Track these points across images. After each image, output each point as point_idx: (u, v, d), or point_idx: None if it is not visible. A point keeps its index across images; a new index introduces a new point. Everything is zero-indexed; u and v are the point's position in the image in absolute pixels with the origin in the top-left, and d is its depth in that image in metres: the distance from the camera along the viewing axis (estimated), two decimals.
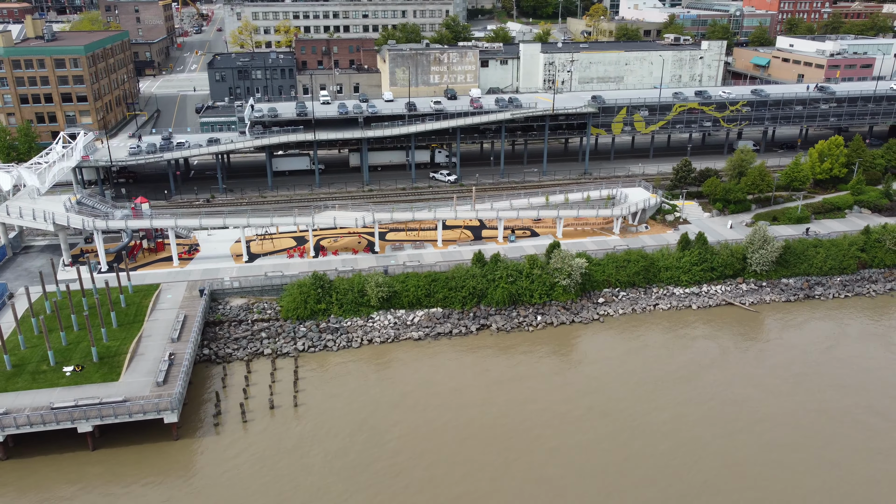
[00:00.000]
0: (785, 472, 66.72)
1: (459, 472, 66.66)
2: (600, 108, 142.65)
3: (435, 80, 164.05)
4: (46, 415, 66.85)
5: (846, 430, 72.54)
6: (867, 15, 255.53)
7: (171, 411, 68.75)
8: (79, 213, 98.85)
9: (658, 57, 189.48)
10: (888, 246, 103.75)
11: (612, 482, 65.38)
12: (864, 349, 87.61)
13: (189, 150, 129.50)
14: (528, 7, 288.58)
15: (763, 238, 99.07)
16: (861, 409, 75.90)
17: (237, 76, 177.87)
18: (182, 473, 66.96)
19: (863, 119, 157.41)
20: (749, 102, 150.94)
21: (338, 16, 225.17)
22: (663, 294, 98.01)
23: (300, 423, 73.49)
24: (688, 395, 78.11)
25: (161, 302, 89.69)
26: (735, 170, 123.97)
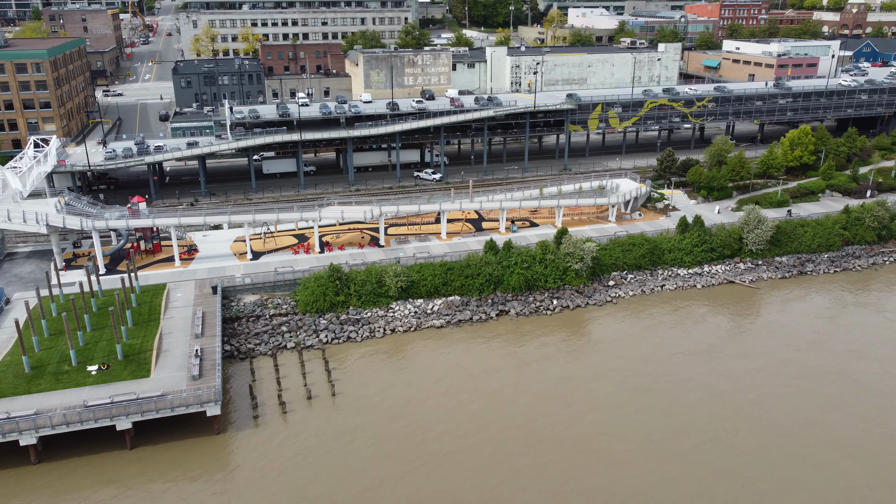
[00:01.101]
0: (819, 426, 69.64)
1: (509, 449, 66.83)
2: (577, 105, 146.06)
3: (409, 81, 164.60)
4: (84, 413, 63.62)
5: (867, 388, 76.28)
6: (799, 21, 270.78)
7: (214, 403, 66.56)
8: (71, 214, 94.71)
9: (619, 59, 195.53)
10: (867, 223, 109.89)
11: (659, 449, 66.81)
12: (862, 317, 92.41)
13: (171, 153, 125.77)
14: (479, 16, 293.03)
15: (757, 219, 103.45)
16: (874, 370, 79.99)
17: (203, 82, 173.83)
18: (228, 467, 64.80)
19: (816, 113, 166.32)
20: (714, 98, 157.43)
21: (297, 23, 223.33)
22: (668, 275, 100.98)
23: (340, 412, 72.24)
24: (712, 367, 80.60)
25: (173, 301, 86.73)
26: (714, 159, 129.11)
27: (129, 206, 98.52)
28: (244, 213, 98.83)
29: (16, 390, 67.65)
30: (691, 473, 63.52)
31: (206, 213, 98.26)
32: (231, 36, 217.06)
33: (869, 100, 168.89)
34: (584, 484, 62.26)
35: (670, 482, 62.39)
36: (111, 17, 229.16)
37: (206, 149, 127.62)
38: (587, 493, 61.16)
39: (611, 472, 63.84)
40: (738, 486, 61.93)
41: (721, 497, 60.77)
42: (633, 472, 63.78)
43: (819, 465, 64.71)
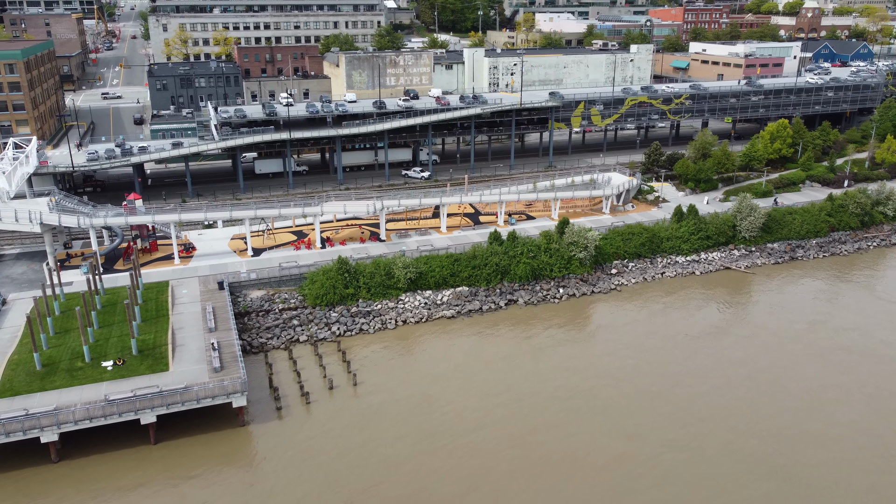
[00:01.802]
0: (834, 394, 71.75)
1: (536, 427, 67.11)
2: (561, 103, 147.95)
3: (391, 82, 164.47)
4: (107, 407, 61.67)
5: (871, 361, 78.85)
6: (758, 25, 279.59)
7: (241, 394, 65.23)
8: (66, 212, 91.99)
9: (593, 60, 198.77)
10: (851, 210, 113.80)
11: (680, 418, 67.92)
12: (857, 298, 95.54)
13: (156, 154, 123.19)
14: (448, 21, 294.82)
15: (750, 207, 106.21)
16: (876, 343, 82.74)
17: (180, 84, 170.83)
18: (256, 458, 63.55)
19: (786, 109, 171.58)
20: (690, 96, 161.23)
21: (269, 27, 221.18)
22: (668, 263, 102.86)
23: (363, 400, 71.55)
24: (722, 346, 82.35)
25: (178, 297, 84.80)
26: (699, 152, 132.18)
27: (125, 204, 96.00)
28: (245, 209, 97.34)
29: (30, 388, 65.25)
30: (712, 434, 64.66)
31: (208, 210, 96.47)
32: (203, 39, 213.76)
33: (834, 97, 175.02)
34: (614, 452, 62.83)
35: (695, 442, 63.39)
36: (76, 22, 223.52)
37: (194, 148, 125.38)
38: (618, 461, 61.71)
39: (638, 441, 64.59)
40: (756, 442, 63.30)
41: (741, 450, 62.01)
42: (659, 437, 64.61)
43: (838, 422, 66.66)
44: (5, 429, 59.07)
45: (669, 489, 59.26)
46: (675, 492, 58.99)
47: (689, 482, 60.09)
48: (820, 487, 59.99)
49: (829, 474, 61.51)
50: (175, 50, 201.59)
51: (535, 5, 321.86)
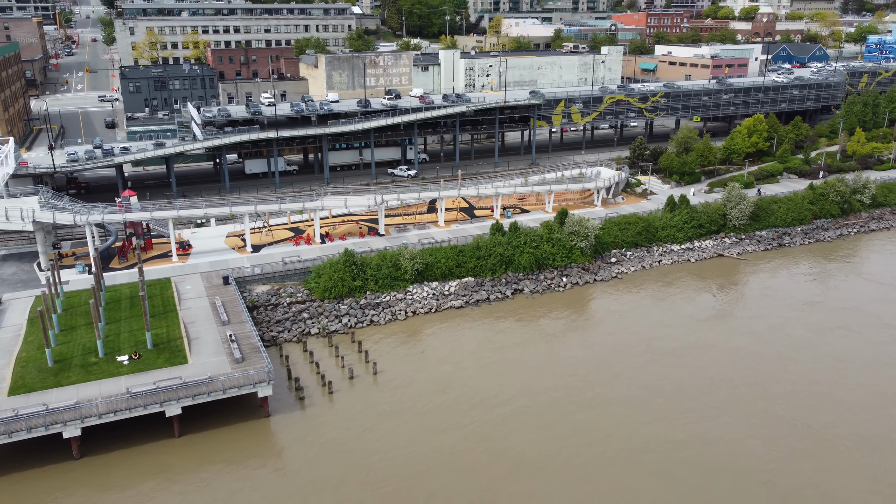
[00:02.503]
0: (838, 368, 74.13)
1: (557, 408, 67.58)
2: (543, 101, 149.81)
3: (371, 82, 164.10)
4: (131, 400, 59.87)
5: (872, 333, 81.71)
6: (717, 29, 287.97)
7: (267, 383, 64.07)
8: (60, 209, 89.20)
9: (566, 61, 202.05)
10: (831, 198, 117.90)
11: (694, 397, 69.26)
12: (846, 281, 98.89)
13: (139, 154, 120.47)
14: (415, 27, 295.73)
15: (739, 196, 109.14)
16: (873, 321, 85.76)
17: (153, 87, 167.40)
18: (283, 448, 62.46)
19: (754, 107, 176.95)
20: (665, 94, 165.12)
21: (239, 30, 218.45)
22: (664, 251, 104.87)
23: (384, 389, 71.01)
24: (727, 327, 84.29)
25: (183, 293, 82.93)
26: (682, 146, 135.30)
27: (119, 201, 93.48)
28: (245, 205, 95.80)
29: (44, 384, 62.93)
30: (723, 408, 66.12)
31: (208, 206, 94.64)
32: (171, 43, 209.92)
33: (799, 95, 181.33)
34: (638, 433, 63.61)
35: (711, 416, 64.74)
36: (36, 26, 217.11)
37: (179, 148, 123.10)
38: (644, 441, 62.51)
39: (660, 423, 65.51)
40: (770, 409, 65.02)
41: (752, 418, 63.55)
42: (678, 417, 65.73)
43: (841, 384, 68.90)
44: (27, 424, 56.80)
45: (703, 461, 60.28)
46: (711, 459, 60.10)
47: (725, 447, 61.26)
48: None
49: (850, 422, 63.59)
50: (146, 53, 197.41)
51: (499, 11, 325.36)
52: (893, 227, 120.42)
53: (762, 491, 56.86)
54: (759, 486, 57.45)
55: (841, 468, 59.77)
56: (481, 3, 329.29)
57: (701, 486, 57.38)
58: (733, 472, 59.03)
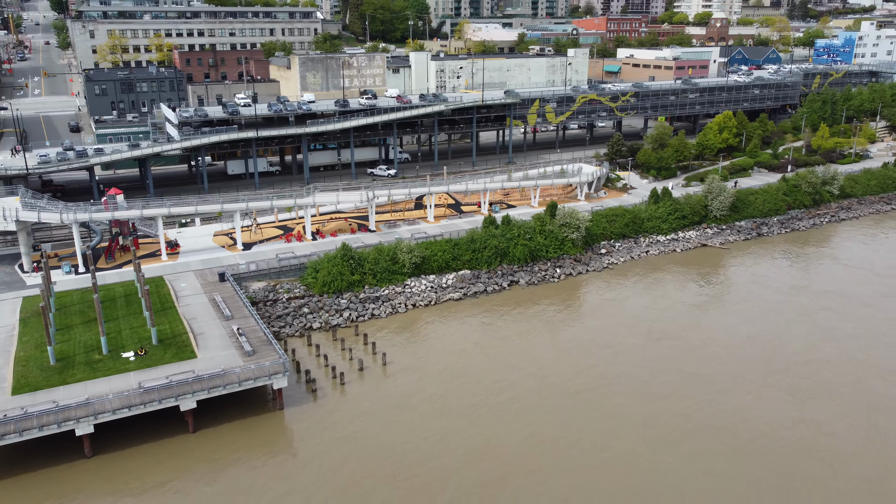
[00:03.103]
0: (835, 339, 76.85)
1: (568, 390, 68.30)
2: (519, 100, 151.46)
3: (346, 83, 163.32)
4: (145, 395, 58.20)
5: (861, 310, 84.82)
6: (673, 33, 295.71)
7: (282, 375, 63.05)
8: (46, 208, 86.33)
9: (535, 63, 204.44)
10: (804, 189, 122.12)
11: (697, 374, 70.89)
12: (826, 266, 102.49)
13: (115, 155, 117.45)
14: (377, 31, 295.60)
15: (720, 188, 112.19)
16: (857, 303, 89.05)
17: (120, 89, 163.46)
18: (300, 439, 61.50)
19: (718, 106, 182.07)
20: (634, 94, 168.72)
21: (203, 34, 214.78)
22: (651, 242, 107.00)
23: (396, 380, 70.62)
24: (720, 310, 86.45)
25: (179, 290, 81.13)
26: (657, 142, 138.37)
27: (104, 200, 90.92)
28: (237, 202, 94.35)
29: (49, 382, 60.72)
30: (728, 383, 67.90)
31: (199, 203, 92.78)
32: (133, 46, 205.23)
33: (759, 94, 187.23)
34: (649, 407, 64.73)
35: (717, 391, 66.37)
36: None
37: (157, 148, 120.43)
38: (655, 415, 63.63)
39: (668, 399, 66.77)
40: (786, 377, 67.05)
41: (749, 385, 65.42)
42: (684, 392, 67.13)
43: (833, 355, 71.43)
44: (38, 422, 54.67)
45: (710, 438, 61.61)
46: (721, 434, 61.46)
47: (730, 423, 62.69)
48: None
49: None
50: (110, 56, 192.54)
51: (461, 16, 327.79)
52: (862, 216, 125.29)
53: (763, 445, 58.47)
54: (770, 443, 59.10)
55: (843, 428, 61.82)
56: (442, 9, 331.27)
57: (707, 450, 58.63)
58: (743, 436, 60.54)
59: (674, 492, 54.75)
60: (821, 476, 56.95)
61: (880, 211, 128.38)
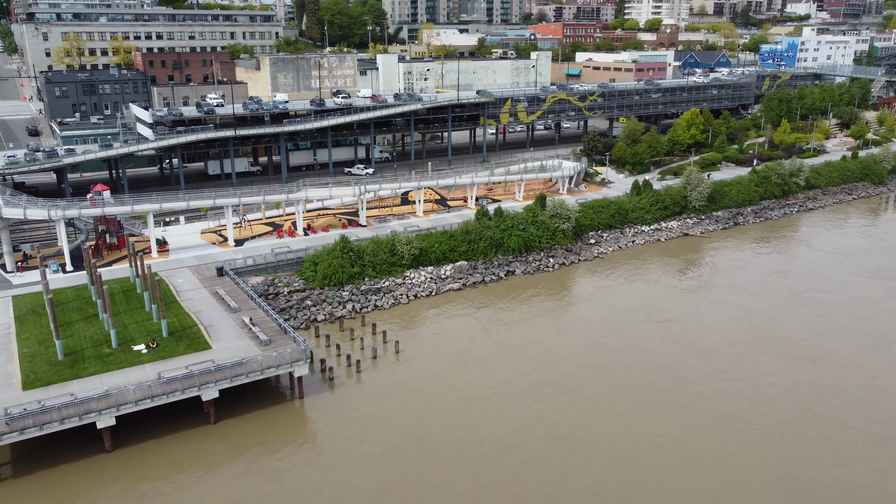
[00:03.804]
0: (823, 317, 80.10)
1: (578, 369, 69.41)
2: (492, 99, 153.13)
3: (316, 84, 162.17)
4: (167, 385, 56.56)
5: (844, 289, 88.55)
6: (626, 39, 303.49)
7: (303, 362, 62.18)
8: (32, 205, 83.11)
9: (500, 66, 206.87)
10: (773, 180, 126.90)
11: (702, 350, 73.00)
12: (803, 251, 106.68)
13: (88, 156, 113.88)
14: (335, 37, 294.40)
15: (698, 179, 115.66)
16: (837, 284, 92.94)
17: (82, 91, 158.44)
18: (323, 426, 60.64)
19: (679, 106, 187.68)
20: (601, 94, 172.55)
21: (162, 37, 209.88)
22: (636, 232, 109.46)
23: (410, 366, 70.45)
24: (714, 294, 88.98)
25: (177, 286, 79.14)
26: (630, 138, 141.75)
27: (90, 196, 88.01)
28: (229, 197, 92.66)
29: (61, 376, 58.46)
30: (731, 353, 70.18)
31: (190, 198, 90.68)
32: (89, 49, 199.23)
33: (717, 94, 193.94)
34: (657, 387, 66.31)
35: (725, 360, 68.52)
36: None
37: (132, 148, 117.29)
38: (669, 385, 65.23)
39: (677, 369, 68.55)
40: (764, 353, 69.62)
41: (747, 356, 67.87)
42: (691, 371, 69.04)
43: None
44: (60, 415, 52.53)
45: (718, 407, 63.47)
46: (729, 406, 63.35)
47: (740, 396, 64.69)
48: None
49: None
50: (67, 58, 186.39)
51: (417, 22, 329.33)
52: (827, 206, 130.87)
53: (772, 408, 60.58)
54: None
55: (840, 391, 64.59)
56: (399, 15, 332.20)
57: (715, 424, 60.43)
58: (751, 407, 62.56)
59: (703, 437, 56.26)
60: (826, 420, 59.31)
61: (843, 201, 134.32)
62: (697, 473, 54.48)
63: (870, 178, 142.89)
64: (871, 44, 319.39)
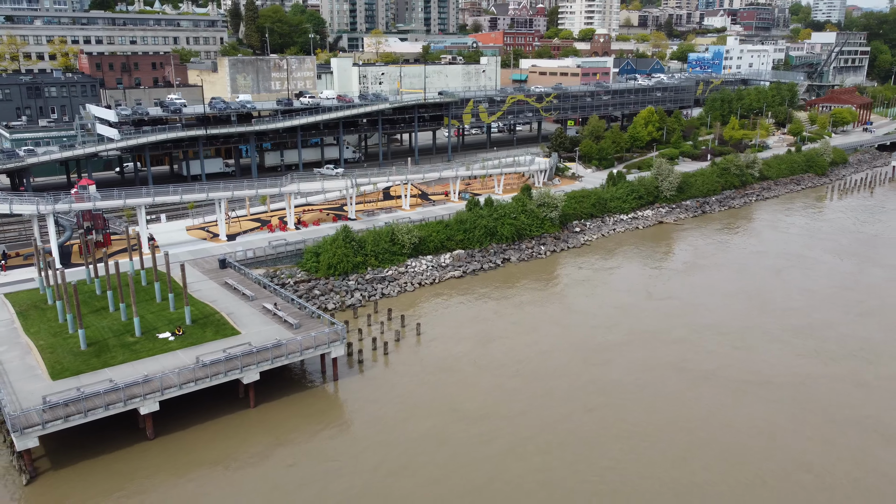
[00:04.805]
0: (802, 292, 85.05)
1: (599, 349, 71.45)
2: (457, 99, 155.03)
3: (276, 86, 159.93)
4: (209, 368, 54.82)
5: (819, 265, 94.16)
6: (563, 48, 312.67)
7: (340, 342, 61.44)
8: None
9: (451, 70, 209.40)
10: (733, 171, 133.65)
11: (703, 327, 76.43)
12: (773, 234, 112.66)
13: (49, 156, 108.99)
14: (276, 45, 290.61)
15: (668, 170, 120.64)
16: (813, 261, 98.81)
17: (26, 94, 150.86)
18: (362, 408, 59.87)
19: (627, 107, 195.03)
20: (556, 95, 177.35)
21: (101, 41, 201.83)
22: (616, 220, 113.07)
23: (436, 347, 70.61)
24: (704, 274, 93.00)
25: (179, 279, 76.43)
26: (593, 135, 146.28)
27: (74, 191, 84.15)
28: (222, 190, 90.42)
29: (90, 365, 55.77)
30: (734, 325, 73.86)
31: (183, 192, 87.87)
32: (24, 53, 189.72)
33: (662, 96, 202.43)
34: (672, 354, 69.03)
35: (727, 331, 72.02)
36: None
37: (100, 147, 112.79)
38: (682, 358, 67.98)
39: (686, 344, 71.52)
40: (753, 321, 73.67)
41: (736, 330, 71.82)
42: (699, 338, 72.22)
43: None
44: (103, 401, 50.10)
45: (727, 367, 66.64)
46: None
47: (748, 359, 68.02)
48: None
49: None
50: (4, 62, 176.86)
51: (356, 31, 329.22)
52: (780, 195, 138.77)
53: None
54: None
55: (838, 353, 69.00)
56: (338, 24, 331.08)
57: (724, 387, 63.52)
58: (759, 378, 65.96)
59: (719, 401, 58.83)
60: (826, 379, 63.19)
61: (793, 190, 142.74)
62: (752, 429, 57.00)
63: (813, 170, 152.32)
64: (787, 53, 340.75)
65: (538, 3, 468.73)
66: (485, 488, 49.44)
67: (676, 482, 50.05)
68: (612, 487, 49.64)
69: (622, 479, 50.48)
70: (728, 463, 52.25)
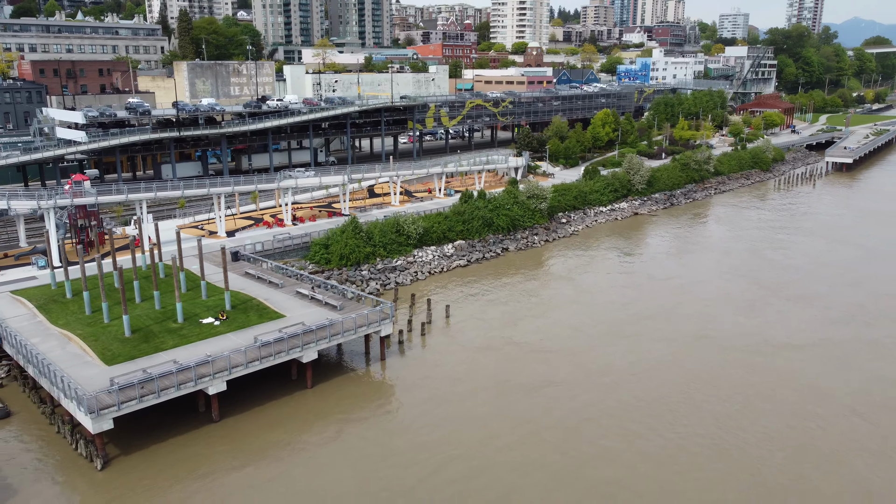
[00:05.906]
0: (789, 275, 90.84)
1: (624, 322, 74.26)
2: (423, 102, 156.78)
3: (235, 91, 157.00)
4: (274, 346, 53.87)
5: (797, 245, 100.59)
6: (501, 59, 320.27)
7: (389, 320, 61.41)
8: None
9: (402, 78, 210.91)
10: (692, 167, 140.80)
11: (702, 307, 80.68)
12: (742, 222, 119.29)
13: (8, 160, 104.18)
14: (212, 56, 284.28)
15: (639, 165, 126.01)
16: (788, 242, 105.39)
17: None
18: (421, 384, 59.64)
19: (575, 112, 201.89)
20: (511, 101, 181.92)
21: (35, 49, 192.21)
22: (597, 212, 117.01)
23: (468, 328, 71.44)
24: (695, 257, 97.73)
25: (197, 272, 74.28)
26: (557, 135, 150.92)
27: (68, 184, 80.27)
28: (223, 186, 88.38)
29: (141, 351, 53.69)
30: (736, 298, 78.41)
31: (185, 187, 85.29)
32: None
33: (605, 102, 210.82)
34: (687, 330, 72.60)
35: (733, 302, 76.40)
36: None
37: (70, 149, 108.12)
38: (697, 329, 71.63)
39: (695, 319, 75.31)
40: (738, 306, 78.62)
41: (723, 314, 76.56)
42: (708, 313, 76.23)
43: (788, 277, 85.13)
44: (175, 380, 48.35)
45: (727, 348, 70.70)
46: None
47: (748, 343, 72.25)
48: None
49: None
50: None
51: (291, 44, 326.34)
52: (734, 188, 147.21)
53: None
54: None
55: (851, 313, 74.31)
56: (272, 37, 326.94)
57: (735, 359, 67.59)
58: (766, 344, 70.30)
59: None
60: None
61: (745, 184, 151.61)
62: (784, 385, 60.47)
63: (759, 167, 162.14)
64: (706, 65, 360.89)
65: (465, 18, 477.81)
66: (570, 447, 50.55)
67: (748, 431, 52.76)
68: (686, 439, 51.83)
69: (701, 433, 52.79)
70: (797, 417, 55.52)
